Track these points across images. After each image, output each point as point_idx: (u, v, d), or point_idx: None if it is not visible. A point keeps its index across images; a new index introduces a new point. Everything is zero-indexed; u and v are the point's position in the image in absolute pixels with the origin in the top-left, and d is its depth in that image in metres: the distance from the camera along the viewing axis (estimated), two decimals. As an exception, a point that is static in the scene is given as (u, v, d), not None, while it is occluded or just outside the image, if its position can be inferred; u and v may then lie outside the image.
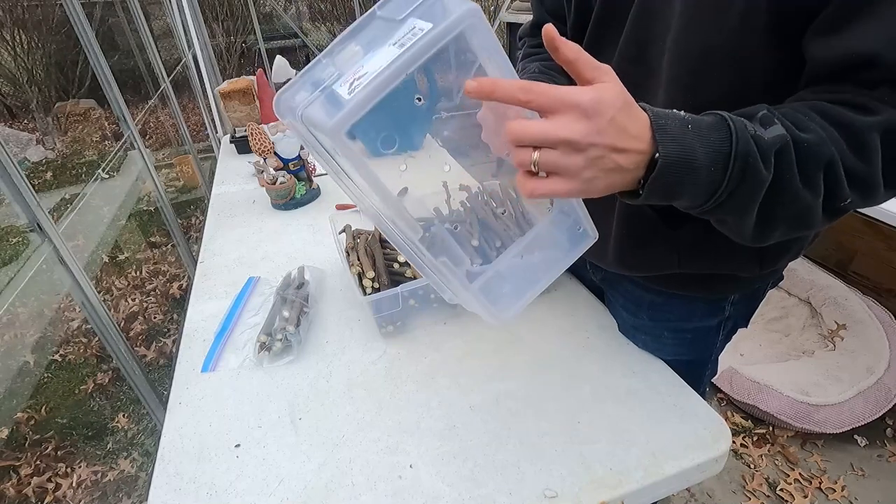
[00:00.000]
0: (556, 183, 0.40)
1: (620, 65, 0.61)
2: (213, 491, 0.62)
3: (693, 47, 0.52)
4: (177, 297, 2.51)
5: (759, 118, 0.43)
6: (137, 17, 2.32)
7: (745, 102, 0.51)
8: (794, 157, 0.42)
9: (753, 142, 0.41)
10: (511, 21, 3.01)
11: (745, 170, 0.41)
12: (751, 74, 0.51)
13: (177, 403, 0.74)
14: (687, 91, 0.54)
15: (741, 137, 0.41)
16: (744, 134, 0.41)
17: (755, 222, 0.46)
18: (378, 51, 0.41)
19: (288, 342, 0.81)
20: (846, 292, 1.87)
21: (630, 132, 0.39)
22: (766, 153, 0.41)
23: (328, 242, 1.10)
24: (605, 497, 0.58)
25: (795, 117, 0.43)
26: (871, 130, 0.42)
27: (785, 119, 0.43)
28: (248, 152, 1.60)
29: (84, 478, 1.62)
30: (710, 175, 0.41)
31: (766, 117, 0.43)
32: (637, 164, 0.40)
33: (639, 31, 0.57)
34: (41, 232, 1.06)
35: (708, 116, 0.43)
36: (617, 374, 0.74)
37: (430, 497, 0.59)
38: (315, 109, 0.42)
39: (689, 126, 0.41)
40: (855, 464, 1.51)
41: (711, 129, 0.41)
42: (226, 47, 4.80)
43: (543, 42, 0.40)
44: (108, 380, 2.00)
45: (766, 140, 0.41)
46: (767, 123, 0.42)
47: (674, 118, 0.41)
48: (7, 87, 5.06)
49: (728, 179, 0.41)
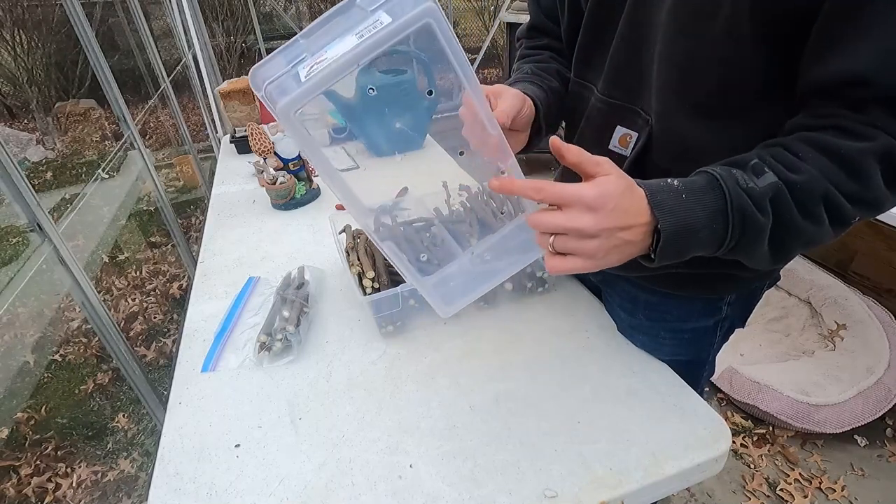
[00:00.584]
0: (575, 262, 0.45)
1: (613, 69, 0.62)
2: (213, 491, 0.62)
3: (680, 54, 0.53)
4: (177, 297, 2.51)
5: (751, 167, 0.45)
6: (137, 17, 2.32)
7: (736, 105, 0.52)
8: (789, 198, 0.44)
9: (746, 195, 0.44)
10: (511, 21, 3.01)
11: (745, 221, 0.44)
12: (741, 78, 0.51)
13: (177, 403, 0.74)
14: (678, 96, 0.55)
15: (733, 193, 0.44)
16: (735, 189, 0.44)
17: (768, 255, 0.48)
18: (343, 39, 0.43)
19: (288, 342, 0.81)
20: (846, 292, 1.87)
21: (631, 212, 0.44)
22: (761, 202, 0.44)
23: (328, 242, 1.10)
24: (605, 497, 0.58)
25: (786, 159, 0.45)
26: (865, 156, 0.43)
27: (776, 163, 0.45)
28: (248, 152, 1.60)
29: (84, 478, 1.62)
30: (712, 233, 0.45)
31: (756, 166, 0.45)
32: (643, 235, 0.45)
33: (630, 36, 0.58)
34: (41, 232, 1.06)
35: (700, 177, 0.46)
36: (617, 374, 0.74)
37: (430, 497, 0.59)
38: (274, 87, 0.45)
39: (683, 195, 0.45)
40: (855, 464, 1.51)
41: (705, 192, 0.45)
42: (226, 47, 4.80)
43: (550, 149, 0.46)
44: (108, 380, 2.00)
45: (758, 190, 0.44)
46: (759, 173, 0.45)
47: (668, 191, 0.45)
48: (7, 87, 5.05)
49: (731, 232, 0.45)
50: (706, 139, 0.56)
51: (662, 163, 0.60)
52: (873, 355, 1.64)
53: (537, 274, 0.87)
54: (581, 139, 0.69)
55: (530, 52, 0.78)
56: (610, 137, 0.64)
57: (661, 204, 0.44)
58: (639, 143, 0.61)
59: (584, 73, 0.68)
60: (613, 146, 0.64)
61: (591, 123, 0.67)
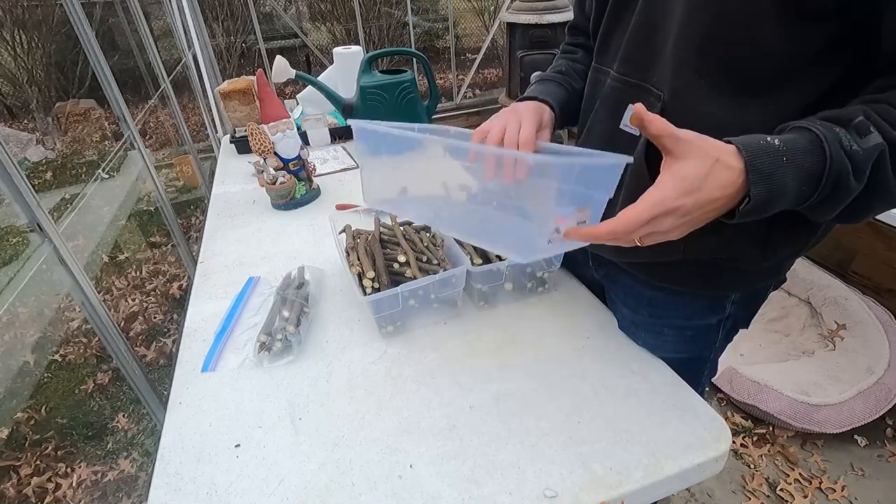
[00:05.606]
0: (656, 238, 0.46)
1: (629, 49, 0.63)
2: (213, 491, 0.62)
3: (698, 31, 0.53)
4: (177, 297, 2.51)
5: (856, 126, 0.42)
6: (137, 17, 2.31)
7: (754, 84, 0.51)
8: (888, 161, 0.42)
9: (848, 158, 0.41)
10: (511, 21, 3.01)
11: (837, 185, 0.43)
12: (760, 56, 0.50)
13: (177, 403, 0.74)
14: (694, 73, 0.55)
15: (836, 158, 0.41)
16: (839, 154, 0.41)
17: (845, 211, 0.46)
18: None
19: (288, 342, 0.81)
20: (846, 292, 1.87)
21: (719, 185, 0.42)
22: (861, 167, 0.42)
23: (328, 242, 1.10)
24: (605, 497, 0.58)
25: (892, 115, 0.42)
26: None
27: (882, 121, 0.42)
28: (248, 152, 1.60)
29: (84, 478, 1.62)
30: (800, 194, 0.43)
31: (861, 125, 0.42)
32: (732, 200, 0.44)
33: (647, 14, 0.59)
34: (41, 232, 1.06)
35: (801, 135, 0.43)
36: (617, 373, 0.74)
37: (430, 497, 0.59)
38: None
39: (783, 158, 0.42)
40: (855, 464, 1.51)
41: (806, 154, 0.42)
42: (226, 47, 4.79)
43: (630, 119, 0.45)
44: (108, 380, 2.00)
45: (861, 153, 0.41)
46: (863, 132, 0.42)
47: (768, 152, 0.42)
48: (7, 87, 5.05)
49: (818, 194, 0.43)
50: (720, 118, 0.55)
51: None
52: (873, 355, 1.64)
53: (537, 274, 0.87)
54: (595, 120, 0.71)
55: (568, 47, 0.84)
56: (622, 116, 0.66)
57: (759, 169, 0.42)
58: None
59: (603, 58, 0.70)
60: (625, 125, 0.65)
61: (604, 103, 0.69)
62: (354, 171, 1.48)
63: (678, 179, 0.42)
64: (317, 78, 1.50)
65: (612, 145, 0.65)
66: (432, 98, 1.55)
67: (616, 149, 0.65)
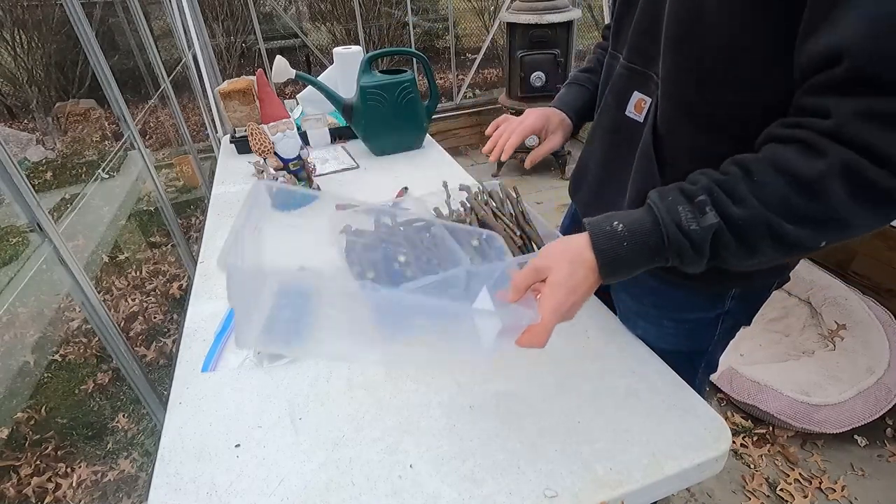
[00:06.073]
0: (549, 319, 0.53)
1: (635, 35, 0.65)
2: (213, 491, 0.62)
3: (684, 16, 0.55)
4: (177, 297, 2.51)
5: (696, 204, 0.48)
6: (137, 17, 2.31)
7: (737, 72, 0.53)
8: (729, 237, 0.47)
9: (685, 236, 0.48)
10: (511, 21, 3.01)
11: (681, 257, 0.49)
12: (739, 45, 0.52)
13: (177, 403, 0.74)
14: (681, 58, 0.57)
15: (672, 238, 0.48)
16: (675, 234, 0.48)
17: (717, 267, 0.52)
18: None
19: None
20: (846, 292, 1.87)
21: (586, 282, 0.53)
22: (699, 244, 0.47)
23: (328, 242, 1.10)
24: (605, 497, 0.58)
25: (735, 190, 0.47)
26: (825, 177, 0.43)
27: (723, 195, 0.47)
28: (247, 152, 1.60)
29: (84, 478, 1.62)
30: (651, 264, 0.51)
31: (701, 204, 0.47)
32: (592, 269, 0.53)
33: (652, 4, 0.61)
34: (41, 232, 1.06)
35: (647, 216, 0.50)
36: (617, 374, 0.74)
37: (430, 497, 0.59)
38: None
39: (624, 243, 0.50)
40: (855, 464, 1.51)
41: (646, 235, 0.50)
42: (226, 47, 4.79)
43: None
44: (108, 380, 2.00)
45: (699, 232, 0.47)
46: (702, 211, 0.47)
47: (611, 238, 0.51)
48: (7, 87, 5.05)
49: (670, 263, 0.51)
50: (708, 106, 0.57)
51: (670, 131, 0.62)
52: (873, 355, 1.64)
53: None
54: (605, 105, 0.73)
55: (600, 44, 0.90)
56: (627, 102, 0.68)
57: (605, 253, 0.51)
58: (651, 109, 0.63)
59: (616, 43, 0.72)
60: (629, 112, 0.67)
61: (613, 89, 0.71)
62: (355, 170, 1.48)
63: (557, 288, 0.52)
64: (317, 78, 1.50)
65: (616, 131, 0.69)
66: (432, 98, 1.55)
67: (620, 133, 0.70)
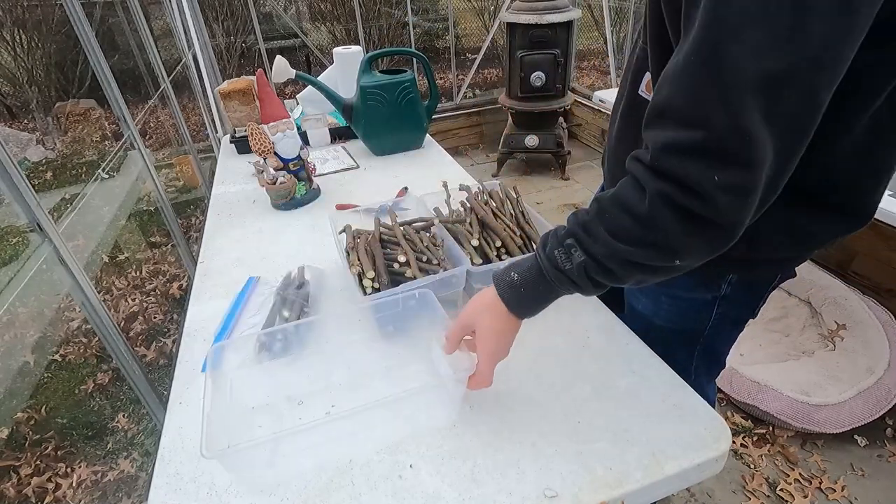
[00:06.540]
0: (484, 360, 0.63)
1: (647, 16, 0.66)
2: (213, 491, 0.62)
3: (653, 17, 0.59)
4: (177, 297, 2.51)
5: (565, 247, 0.55)
6: (137, 17, 2.32)
7: None
8: (597, 269, 0.53)
9: (564, 274, 0.55)
10: (511, 21, 3.01)
11: (570, 288, 0.57)
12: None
13: (177, 403, 0.74)
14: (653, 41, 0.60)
15: (555, 279, 0.56)
16: (557, 275, 0.56)
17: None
18: None
19: (288, 342, 0.81)
20: (846, 292, 1.87)
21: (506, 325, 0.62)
22: (575, 279, 0.55)
23: (328, 242, 1.10)
24: (605, 497, 0.58)
25: (593, 229, 0.53)
26: (650, 208, 0.48)
27: (585, 235, 0.53)
28: (247, 152, 1.60)
29: (84, 478, 1.62)
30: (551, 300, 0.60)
31: (569, 245, 0.55)
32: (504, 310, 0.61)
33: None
34: (41, 232, 1.06)
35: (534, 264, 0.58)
36: (617, 374, 0.74)
37: (430, 497, 0.59)
38: None
39: (521, 289, 0.60)
40: (855, 464, 1.51)
41: (536, 281, 0.58)
42: (226, 47, 4.79)
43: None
44: (108, 380, 2.00)
45: (573, 269, 0.54)
46: (569, 253, 0.55)
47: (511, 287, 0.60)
48: (7, 87, 5.04)
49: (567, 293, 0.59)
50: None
51: None
52: (873, 355, 1.64)
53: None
54: (623, 84, 0.76)
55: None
56: (640, 82, 0.70)
57: (509, 302, 0.60)
58: None
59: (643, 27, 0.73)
60: (641, 91, 0.70)
61: (630, 68, 0.73)
62: (355, 171, 1.48)
63: (487, 335, 0.62)
64: (317, 78, 1.50)
65: (631, 108, 0.72)
66: (432, 98, 1.55)
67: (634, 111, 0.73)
